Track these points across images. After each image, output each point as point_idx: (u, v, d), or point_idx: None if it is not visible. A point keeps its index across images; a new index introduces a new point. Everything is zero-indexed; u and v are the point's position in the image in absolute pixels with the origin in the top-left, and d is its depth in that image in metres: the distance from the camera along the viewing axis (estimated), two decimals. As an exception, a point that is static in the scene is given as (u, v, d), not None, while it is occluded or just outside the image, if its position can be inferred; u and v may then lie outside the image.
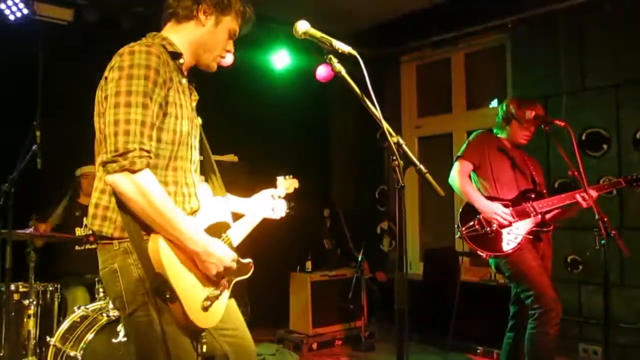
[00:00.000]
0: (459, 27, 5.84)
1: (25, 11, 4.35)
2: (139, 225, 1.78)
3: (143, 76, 1.77)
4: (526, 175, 3.56)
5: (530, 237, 3.41)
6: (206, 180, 2.17)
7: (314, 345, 5.12)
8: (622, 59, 4.77)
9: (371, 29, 6.51)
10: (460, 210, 3.54)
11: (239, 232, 2.16)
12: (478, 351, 4.92)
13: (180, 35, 2.01)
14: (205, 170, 2.18)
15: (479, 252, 3.39)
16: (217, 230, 2.01)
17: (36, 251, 3.60)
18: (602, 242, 2.92)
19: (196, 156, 2.05)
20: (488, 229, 3.36)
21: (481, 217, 3.39)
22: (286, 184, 2.51)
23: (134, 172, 1.72)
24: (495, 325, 4.71)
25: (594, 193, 3.24)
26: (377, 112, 1.96)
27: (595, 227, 2.97)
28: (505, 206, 3.41)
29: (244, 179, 5.06)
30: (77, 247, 4.30)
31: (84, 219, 4.22)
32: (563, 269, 4.99)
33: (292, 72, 6.03)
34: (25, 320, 3.46)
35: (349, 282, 5.35)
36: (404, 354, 1.78)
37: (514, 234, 3.35)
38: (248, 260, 2.11)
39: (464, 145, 3.60)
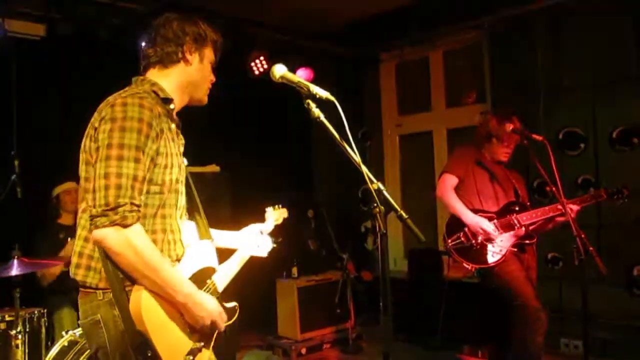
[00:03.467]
0: (436, 26, 5.86)
1: (-3, 32, 4.25)
2: (122, 276, 1.77)
3: (136, 129, 1.77)
4: (507, 189, 3.61)
5: (515, 249, 3.47)
6: (191, 220, 2.16)
7: (303, 350, 5.19)
8: (598, 59, 4.83)
9: (349, 28, 6.48)
10: (447, 222, 3.60)
11: (224, 276, 2.17)
12: (464, 350, 5.01)
13: (170, 80, 2.02)
14: (192, 212, 2.17)
15: (464, 265, 3.46)
16: (202, 276, 2.01)
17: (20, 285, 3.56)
18: (581, 258, 2.98)
19: (182, 202, 2.06)
20: (473, 241, 3.42)
21: (467, 230, 3.44)
22: (275, 214, 2.52)
23: (125, 226, 1.71)
24: (480, 322, 4.84)
25: (574, 207, 3.30)
26: (356, 157, 1.97)
27: (574, 244, 3.04)
28: (490, 219, 3.47)
29: (228, 190, 5.06)
30: (63, 268, 4.26)
31: (69, 239, 4.18)
32: (544, 266, 5.09)
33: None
34: (13, 350, 3.44)
35: (335, 285, 5.41)
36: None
37: (498, 247, 3.42)
38: (233, 304, 2.12)
39: (450, 159, 3.65)
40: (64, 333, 3.52)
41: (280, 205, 2.57)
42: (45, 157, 4.02)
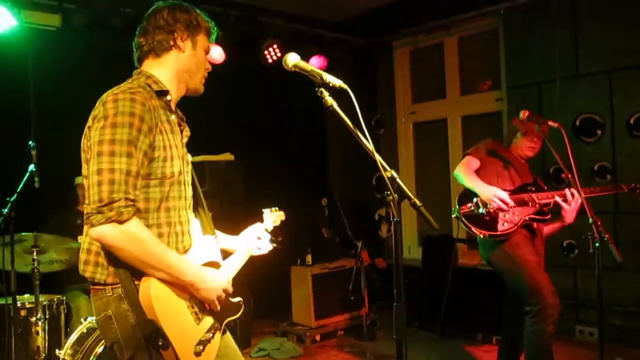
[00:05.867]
0: (451, 13, 5.81)
1: (14, 22, 4.29)
2: (129, 270, 1.79)
3: (128, 124, 1.76)
4: (527, 177, 3.58)
5: (529, 223, 3.42)
6: (195, 216, 2.16)
7: (317, 337, 5.22)
8: (615, 45, 4.77)
9: (363, 15, 6.45)
10: (459, 194, 3.53)
11: (228, 270, 2.16)
12: (478, 338, 5.01)
13: (164, 69, 2.00)
14: (195, 207, 2.17)
15: (474, 231, 3.39)
16: None
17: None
18: (597, 245, 2.96)
19: (189, 193, 2.06)
20: (484, 210, 3.36)
21: (479, 199, 3.38)
22: (273, 217, 2.50)
23: (121, 222, 1.71)
24: (493, 310, 4.84)
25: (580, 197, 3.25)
26: (370, 145, 1.96)
27: (589, 232, 3.02)
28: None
29: (241, 179, 5.09)
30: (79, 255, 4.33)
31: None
32: (559, 253, 5.07)
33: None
34: (33, 336, 3.51)
35: (349, 272, 5.43)
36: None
37: (510, 217, 3.37)
38: (238, 299, 2.12)
39: (475, 145, 3.63)
40: (82, 320, 3.59)
41: (277, 208, 2.57)
42: (61, 147, 4.07)
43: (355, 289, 5.39)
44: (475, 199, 3.40)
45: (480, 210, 3.36)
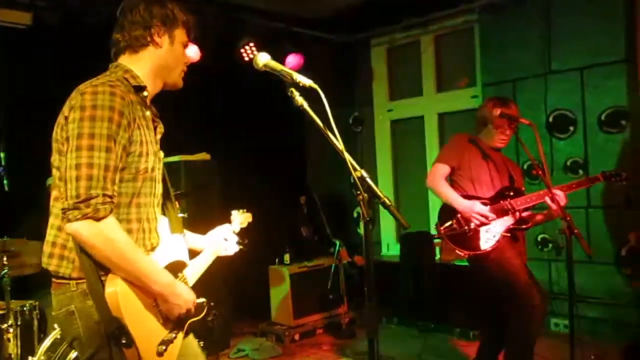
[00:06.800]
0: (427, 11, 5.85)
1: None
2: (96, 265, 1.76)
3: (107, 118, 1.73)
4: (502, 175, 3.58)
5: (508, 235, 3.45)
6: (163, 213, 2.14)
7: (296, 336, 5.22)
8: (587, 43, 4.84)
9: (341, 13, 6.44)
10: (439, 209, 3.56)
11: (194, 271, 2.15)
12: (456, 332, 5.06)
13: (142, 64, 1.98)
14: (164, 205, 2.15)
15: (457, 252, 3.41)
16: (173, 269, 1.99)
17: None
18: (566, 240, 3.02)
19: (160, 190, 2.04)
20: (467, 227, 3.37)
21: (459, 216, 3.41)
22: (240, 218, 2.51)
23: (98, 219, 1.69)
24: (471, 305, 4.89)
25: (560, 192, 3.28)
26: (340, 145, 1.96)
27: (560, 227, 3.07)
28: (484, 205, 3.43)
29: (217, 179, 5.06)
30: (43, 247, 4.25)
31: None
32: (533, 247, 5.14)
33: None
34: (5, 343, 3.44)
35: (327, 271, 5.44)
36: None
37: (492, 232, 3.38)
38: (202, 300, 2.09)
39: (443, 148, 3.63)
40: (55, 325, 3.53)
41: (245, 210, 2.58)
42: (33, 148, 4.01)
43: (333, 288, 5.40)
44: (456, 216, 3.41)
45: (462, 228, 3.38)
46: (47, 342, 3.40)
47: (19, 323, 3.50)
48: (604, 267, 4.80)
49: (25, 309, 3.61)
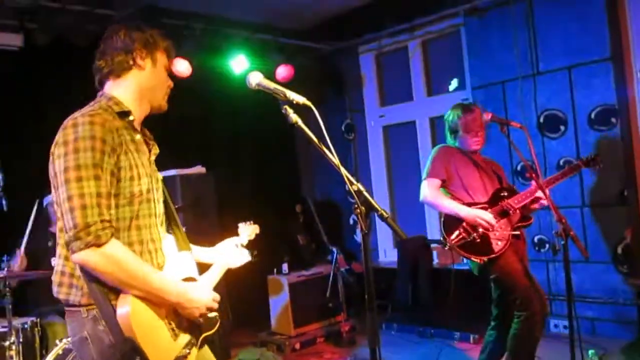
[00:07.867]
0: (413, 16, 5.90)
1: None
2: (106, 289, 1.80)
3: (90, 148, 1.77)
4: (491, 176, 3.63)
5: (517, 232, 3.48)
6: (168, 231, 2.17)
7: (297, 346, 5.23)
8: (573, 43, 4.89)
9: (327, 22, 6.50)
10: (442, 221, 3.52)
11: (208, 287, 2.18)
12: (455, 336, 5.08)
13: (126, 88, 2.01)
14: (169, 223, 2.18)
15: (473, 259, 3.39)
16: None
17: (11, 289, 3.58)
18: (562, 242, 3.05)
19: (160, 209, 2.07)
20: (475, 234, 3.37)
21: (465, 224, 3.40)
22: (248, 230, 2.54)
23: (100, 245, 1.73)
24: (470, 309, 4.92)
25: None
26: (335, 160, 1.99)
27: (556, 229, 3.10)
28: (484, 209, 3.45)
29: (213, 192, 5.07)
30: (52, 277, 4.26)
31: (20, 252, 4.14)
32: (531, 248, 5.17)
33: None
34: (7, 361, 3.44)
35: (326, 279, 5.45)
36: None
37: (500, 234, 3.40)
38: (214, 314, 2.12)
39: (427, 164, 3.62)
40: (57, 342, 3.53)
41: (252, 222, 2.60)
42: (28, 168, 4.02)
43: (332, 295, 5.42)
44: (462, 225, 3.40)
45: (470, 236, 3.37)
46: (49, 359, 3.40)
47: (20, 340, 3.50)
48: (601, 266, 4.83)
49: (26, 326, 3.62)
